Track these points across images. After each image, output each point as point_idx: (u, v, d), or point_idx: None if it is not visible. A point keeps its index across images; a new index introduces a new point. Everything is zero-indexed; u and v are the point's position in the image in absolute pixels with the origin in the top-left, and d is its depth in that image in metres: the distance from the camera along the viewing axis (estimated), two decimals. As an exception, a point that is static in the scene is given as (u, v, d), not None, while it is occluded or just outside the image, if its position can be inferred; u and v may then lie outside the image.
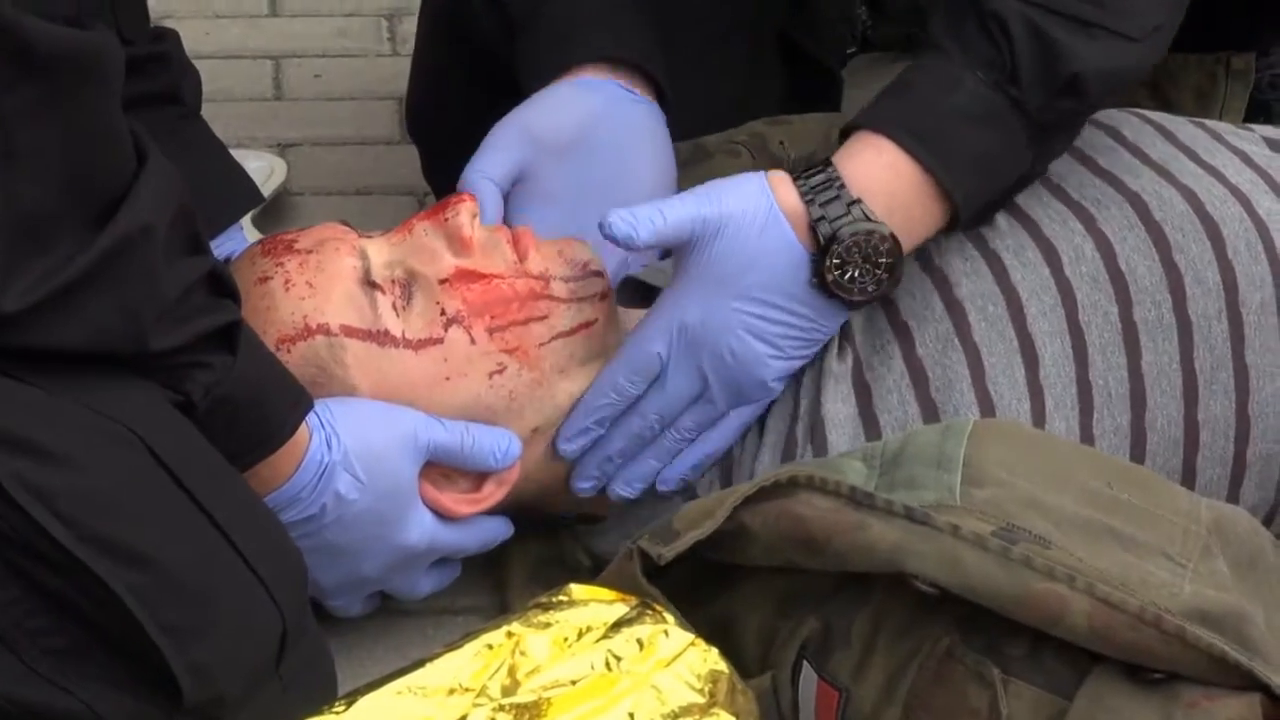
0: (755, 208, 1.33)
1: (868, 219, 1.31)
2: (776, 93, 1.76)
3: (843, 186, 1.32)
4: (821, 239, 1.32)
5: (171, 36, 1.41)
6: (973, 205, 1.35)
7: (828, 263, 1.32)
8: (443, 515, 1.33)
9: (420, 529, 1.31)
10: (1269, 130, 1.52)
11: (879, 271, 1.32)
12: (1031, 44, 1.31)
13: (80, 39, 1.05)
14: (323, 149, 2.06)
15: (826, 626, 1.22)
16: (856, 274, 1.32)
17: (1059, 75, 1.32)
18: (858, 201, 1.32)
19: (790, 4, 1.82)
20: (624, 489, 1.38)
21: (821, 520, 1.19)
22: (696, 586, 1.25)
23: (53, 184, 1.05)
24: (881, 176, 1.33)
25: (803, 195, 1.33)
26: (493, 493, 1.34)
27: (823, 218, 1.32)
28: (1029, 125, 1.33)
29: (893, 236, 1.32)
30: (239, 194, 1.43)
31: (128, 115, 1.10)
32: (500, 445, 1.33)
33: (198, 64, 1.47)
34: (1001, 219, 1.40)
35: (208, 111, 1.50)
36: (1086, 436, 1.35)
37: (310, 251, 1.33)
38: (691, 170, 1.57)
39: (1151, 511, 1.20)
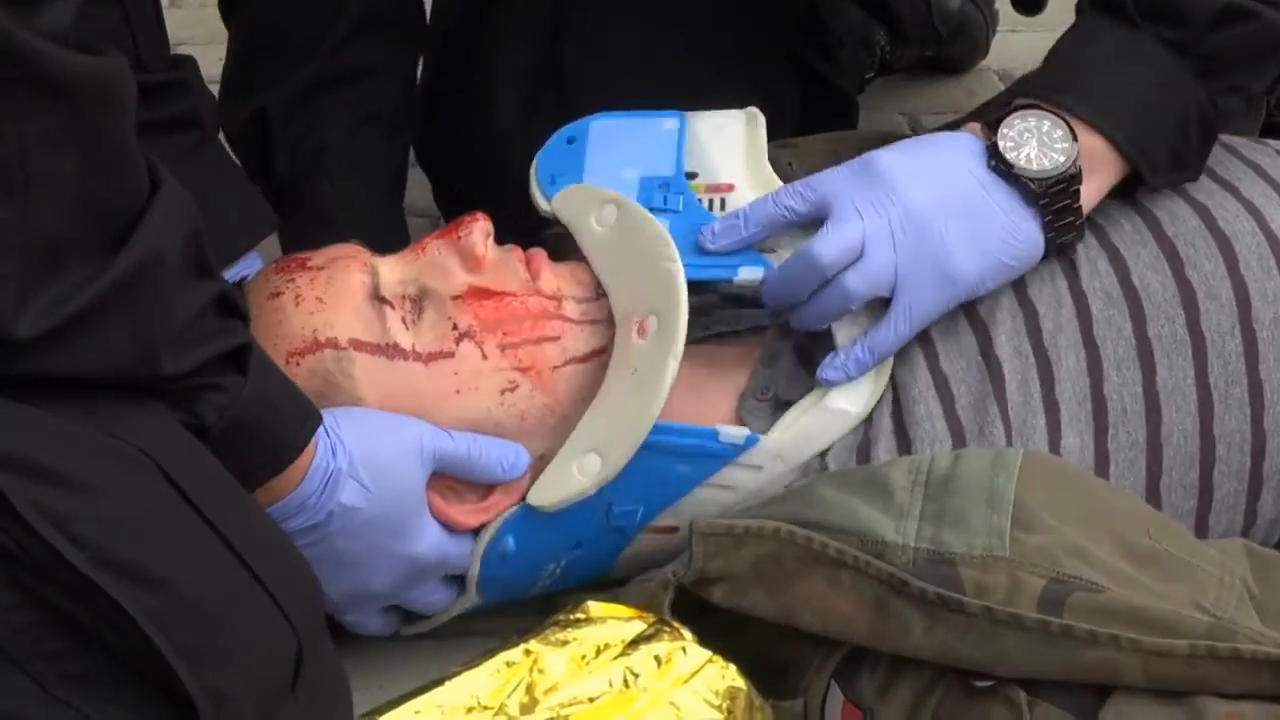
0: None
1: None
2: (789, 115, 1.76)
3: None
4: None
5: (189, 63, 1.42)
6: (1143, 146, 1.37)
7: (1000, 140, 1.35)
8: (452, 529, 1.33)
9: (429, 539, 1.31)
10: (1287, 146, 1.51)
11: (1056, 155, 1.34)
12: None
13: (96, 65, 1.05)
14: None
15: (855, 647, 1.21)
16: (1032, 154, 1.34)
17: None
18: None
19: (802, 29, 1.83)
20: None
21: (869, 622, 1.19)
22: (723, 624, 1.24)
23: (68, 210, 1.06)
24: None
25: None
26: (499, 501, 1.34)
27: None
28: (1186, 59, 1.36)
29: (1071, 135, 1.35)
30: (256, 218, 1.43)
31: (147, 140, 1.11)
32: (508, 456, 1.32)
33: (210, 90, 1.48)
34: None
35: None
36: (1101, 452, 1.34)
37: (321, 268, 1.34)
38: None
39: (1188, 561, 1.20)
